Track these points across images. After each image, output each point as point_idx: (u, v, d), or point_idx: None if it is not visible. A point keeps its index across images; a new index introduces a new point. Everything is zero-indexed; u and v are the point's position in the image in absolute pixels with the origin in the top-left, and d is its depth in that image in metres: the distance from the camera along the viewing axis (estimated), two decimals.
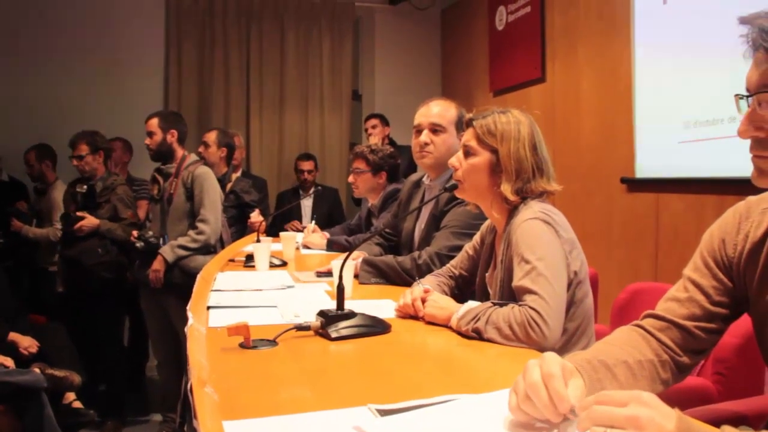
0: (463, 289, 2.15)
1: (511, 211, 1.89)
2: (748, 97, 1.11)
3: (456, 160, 1.98)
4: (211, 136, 4.55)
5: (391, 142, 5.38)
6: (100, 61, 5.59)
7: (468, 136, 1.95)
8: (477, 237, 2.13)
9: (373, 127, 5.52)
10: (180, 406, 1.54)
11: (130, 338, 5.04)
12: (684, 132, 3.47)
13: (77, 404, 3.77)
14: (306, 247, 3.62)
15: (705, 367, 2.25)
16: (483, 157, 1.91)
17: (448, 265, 2.21)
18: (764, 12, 1.08)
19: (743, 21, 1.09)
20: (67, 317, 4.19)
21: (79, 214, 4.09)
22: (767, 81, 1.07)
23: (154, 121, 3.81)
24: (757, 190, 1.24)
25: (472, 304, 1.74)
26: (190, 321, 1.73)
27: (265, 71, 6.06)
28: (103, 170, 4.24)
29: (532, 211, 1.81)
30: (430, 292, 1.88)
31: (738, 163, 2.63)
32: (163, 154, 3.83)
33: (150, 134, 3.81)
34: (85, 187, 4.16)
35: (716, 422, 0.95)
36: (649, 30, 3.74)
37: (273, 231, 4.18)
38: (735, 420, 1.74)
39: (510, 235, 1.83)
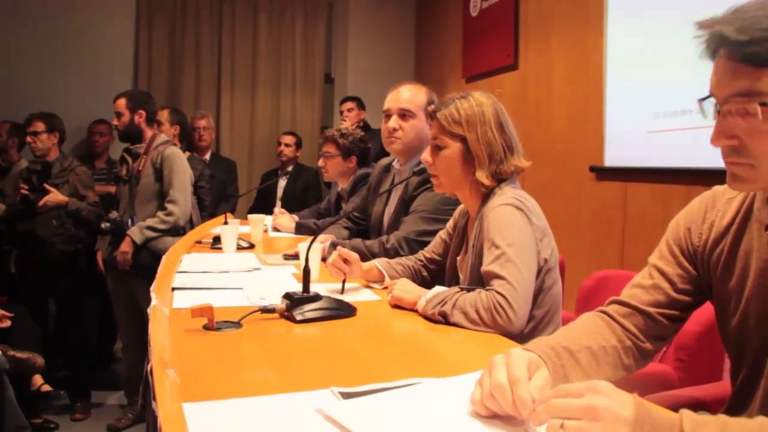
0: (438, 274, 2.14)
1: (485, 195, 1.88)
2: (716, 104, 1.07)
3: (428, 155, 1.96)
4: (164, 114, 4.48)
5: (365, 126, 5.34)
6: (69, 40, 5.46)
7: (435, 130, 1.93)
8: (450, 222, 2.13)
9: (349, 110, 5.46)
10: (142, 388, 1.51)
11: (98, 321, 4.96)
12: (653, 122, 3.50)
13: (46, 387, 3.71)
14: (275, 229, 3.60)
15: (667, 354, 2.28)
16: (453, 148, 1.89)
17: (422, 251, 2.20)
18: (720, 16, 1.04)
19: (702, 26, 1.05)
20: (26, 298, 4.11)
21: (47, 187, 4.00)
22: (736, 90, 1.03)
23: (122, 102, 3.74)
24: (723, 180, 1.24)
25: (439, 288, 1.73)
26: (153, 302, 1.71)
27: (237, 52, 5.98)
28: (57, 152, 4.15)
29: (505, 197, 1.81)
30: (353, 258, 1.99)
31: (705, 154, 2.66)
32: (131, 135, 3.76)
33: (118, 115, 3.74)
34: (39, 165, 4.05)
35: (677, 407, 0.96)
36: (621, 20, 3.76)
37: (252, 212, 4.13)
38: (695, 405, 1.76)
39: (482, 220, 1.82)
